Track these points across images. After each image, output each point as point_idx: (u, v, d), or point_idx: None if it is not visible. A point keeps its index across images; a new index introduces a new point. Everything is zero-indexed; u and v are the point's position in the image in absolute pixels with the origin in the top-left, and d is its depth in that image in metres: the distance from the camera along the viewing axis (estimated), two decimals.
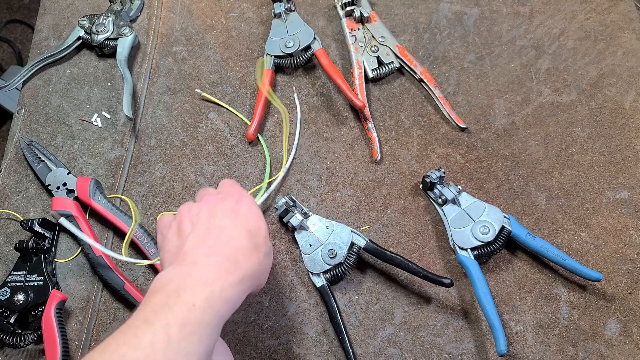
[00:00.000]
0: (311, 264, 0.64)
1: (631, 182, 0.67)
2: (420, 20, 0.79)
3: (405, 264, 0.61)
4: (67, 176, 0.71)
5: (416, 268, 0.61)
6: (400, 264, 0.61)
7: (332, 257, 0.63)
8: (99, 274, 0.66)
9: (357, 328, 0.63)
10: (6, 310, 0.63)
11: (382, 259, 0.63)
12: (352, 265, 0.63)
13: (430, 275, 0.60)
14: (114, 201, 0.70)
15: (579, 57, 0.75)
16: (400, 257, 0.61)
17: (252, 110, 0.75)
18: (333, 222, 0.65)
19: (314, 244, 0.64)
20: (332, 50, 0.79)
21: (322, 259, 0.63)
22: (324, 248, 0.64)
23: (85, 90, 0.79)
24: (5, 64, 1.70)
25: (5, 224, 0.71)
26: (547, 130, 0.71)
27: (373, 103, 0.75)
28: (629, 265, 0.63)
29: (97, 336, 0.65)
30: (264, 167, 0.72)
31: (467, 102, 0.73)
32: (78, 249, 0.69)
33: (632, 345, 0.59)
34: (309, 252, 0.64)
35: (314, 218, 0.66)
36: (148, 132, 0.75)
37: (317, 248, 0.64)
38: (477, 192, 0.68)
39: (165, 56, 0.80)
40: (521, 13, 0.79)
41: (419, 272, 0.60)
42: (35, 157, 0.73)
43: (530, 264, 0.64)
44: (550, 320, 0.61)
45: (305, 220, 0.65)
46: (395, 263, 0.62)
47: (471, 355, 0.61)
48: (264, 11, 0.82)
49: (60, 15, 0.85)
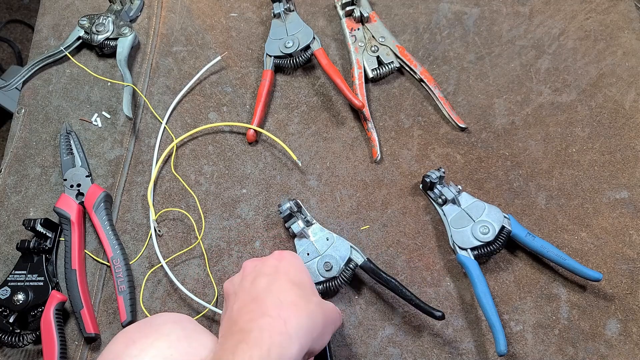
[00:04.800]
0: None
1: (631, 182, 0.67)
2: (420, 20, 0.79)
3: (399, 289, 0.60)
4: (84, 178, 0.71)
5: (409, 295, 0.60)
6: (394, 288, 0.60)
7: (327, 269, 0.62)
8: (65, 286, 0.66)
9: (357, 328, 0.63)
10: (6, 309, 0.63)
11: (377, 280, 0.62)
12: (346, 281, 0.62)
13: (422, 305, 0.59)
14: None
15: (579, 57, 0.75)
16: (395, 280, 0.61)
17: (252, 110, 0.75)
18: (334, 235, 0.64)
19: (312, 253, 0.64)
20: (332, 50, 0.79)
21: (317, 270, 0.63)
22: (320, 259, 0.63)
23: (85, 90, 0.79)
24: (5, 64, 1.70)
25: (6, 223, 0.71)
26: (547, 130, 0.71)
27: (373, 103, 0.75)
28: (629, 265, 0.63)
29: None
30: (264, 167, 0.72)
31: (467, 102, 0.73)
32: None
33: (632, 345, 0.59)
34: (306, 260, 0.64)
35: (316, 227, 0.66)
36: (148, 132, 0.75)
37: (314, 258, 0.63)
38: (477, 192, 0.68)
39: (165, 56, 0.80)
40: (521, 13, 0.78)
41: (412, 300, 0.59)
42: (67, 148, 0.73)
43: (530, 264, 0.64)
44: (550, 320, 0.61)
45: (307, 228, 0.65)
46: (390, 286, 0.61)
47: (471, 355, 0.61)
48: (263, 11, 0.82)
49: (60, 15, 0.85)
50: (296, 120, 0.75)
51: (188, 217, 0.70)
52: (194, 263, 0.67)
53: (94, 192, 0.69)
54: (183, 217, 0.70)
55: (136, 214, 0.70)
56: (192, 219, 0.69)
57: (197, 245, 0.68)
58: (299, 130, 0.74)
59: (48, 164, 0.74)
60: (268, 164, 0.72)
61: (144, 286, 0.66)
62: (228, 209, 0.70)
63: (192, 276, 0.67)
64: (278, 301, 0.45)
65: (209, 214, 0.70)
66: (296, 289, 0.46)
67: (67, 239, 0.67)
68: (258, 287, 0.47)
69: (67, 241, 0.67)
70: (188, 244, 0.68)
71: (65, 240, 0.67)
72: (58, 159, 0.74)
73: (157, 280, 0.67)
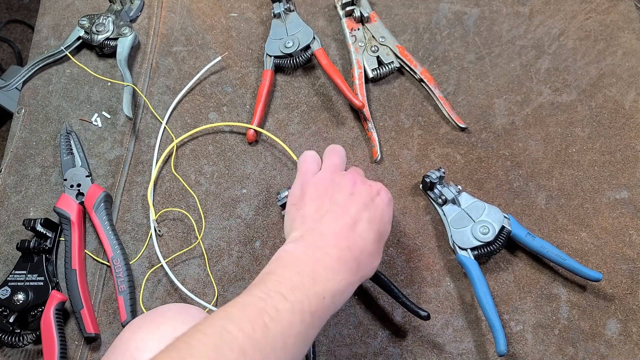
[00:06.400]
0: None
1: (631, 182, 0.67)
2: (420, 20, 0.79)
3: (388, 286, 0.60)
4: (85, 178, 0.71)
5: (397, 293, 0.59)
6: (383, 284, 0.60)
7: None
8: (65, 286, 0.66)
9: (357, 328, 0.63)
10: (6, 309, 0.63)
11: None
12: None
13: (408, 304, 0.59)
14: None
15: (579, 57, 0.75)
16: (384, 276, 0.60)
17: (252, 110, 0.75)
18: None
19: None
20: (332, 50, 0.79)
21: None
22: None
23: (85, 90, 0.79)
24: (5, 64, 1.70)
25: (6, 223, 0.71)
26: (547, 130, 0.71)
27: (373, 103, 0.75)
28: (629, 265, 0.63)
29: None
30: (264, 167, 0.72)
31: (467, 102, 0.73)
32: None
33: (632, 345, 0.59)
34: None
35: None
36: (148, 132, 0.75)
37: None
38: (477, 192, 0.68)
39: (165, 56, 0.80)
40: (521, 13, 0.79)
41: (399, 298, 0.59)
42: (67, 148, 0.73)
43: (530, 264, 0.64)
44: (550, 320, 0.61)
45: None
46: (379, 282, 0.61)
47: (471, 355, 0.61)
48: (263, 11, 0.82)
49: (60, 15, 0.85)
50: (296, 120, 0.75)
51: (188, 217, 0.70)
52: (194, 263, 0.67)
53: (94, 192, 0.69)
54: (183, 217, 0.70)
55: (136, 214, 0.70)
56: (192, 219, 0.70)
57: (197, 245, 0.68)
58: (299, 130, 0.74)
59: (48, 164, 0.74)
60: (268, 164, 0.72)
61: (144, 286, 0.66)
62: (228, 209, 0.70)
63: (192, 276, 0.67)
64: (363, 249, 0.47)
65: (209, 214, 0.70)
66: (378, 242, 0.49)
67: (67, 239, 0.67)
68: (353, 218, 0.48)
69: (67, 241, 0.67)
70: (188, 244, 0.68)
71: (65, 240, 0.67)
72: (58, 159, 0.74)
73: (157, 280, 0.67)
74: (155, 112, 0.76)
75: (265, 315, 0.39)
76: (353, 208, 0.49)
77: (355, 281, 0.47)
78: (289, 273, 0.43)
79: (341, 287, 0.44)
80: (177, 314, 0.49)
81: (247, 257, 0.67)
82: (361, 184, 0.52)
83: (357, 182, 0.52)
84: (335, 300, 0.44)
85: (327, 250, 0.46)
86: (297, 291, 0.42)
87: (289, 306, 0.40)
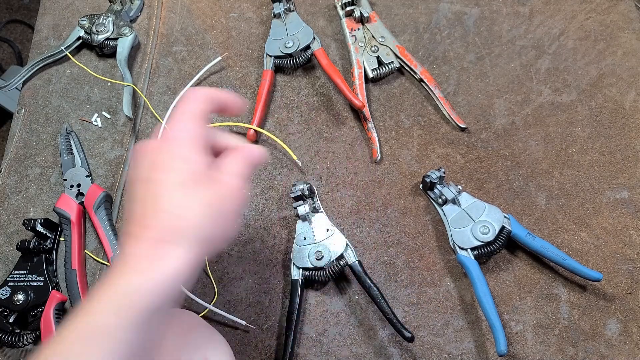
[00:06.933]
0: (297, 256, 0.64)
1: (631, 182, 0.67)
2: (420, 20, 0.79)
3: (378, 299, 0.60)
4: (85, 178, 0.71)
5: (385, 307, 0.59)
6: (374, 296, 0.60)
7: (318, 258, 0.63)
8: (65, 286, 0.66)
9: (357, 328, 0.63)
10: (6, 309, 0.63)
11: (360, 283, 0.62)
12: (332, 275, 0.63)
13: (394, 322, 0.59)
14: None
15: (579, 57, 0.75)
16: (376, 288, 0.60)
17: (252, 110, 0.75)
18: (336, 228, 0.65)
19: (309, 239, 0.64)
20: (332, 50, 0.79)
21: (308, 257, 0.63)
22: (314, 247, 0.64)
23: (85, 90, 0.79)
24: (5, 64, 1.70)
25: (6, 223, 0.71)
26: (547, 130, 0.71)
27: (373, 103, 0.75)
28: (629, 265, 0.63)
29: None
30: (264, 167, 0.72)
31: (467, 102, 0.73)
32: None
33: (632, 345, 0.59)
34: (300, 244, 0.64)
35: (321, 216, 0.66)
36: (148, 132, 0.75)
37: (309, 244, 0.64)
38: (477, 192, 0.68)
39: (165, 56, 0.80)
40: (521, 13, 0.78)
41: (386, 313, 0.59)
42: (67, 148, 0.73)
43: (530, 264, 0.64)
44: (550, 320, 0.61)
45: (311, 214, 0.65)
46: (370, 293, 0.61)
47: (471, 355, 0.61)
48: (263, 11, 0.82)
49: (60, 15, 0.85)
50: (296, 120, 0.75)
51: None
52: None
53: (94, 192, 0.69)
54: None
55: None
56: None
57: None
58: (299, 130, 0.74)
59: (48, 164, 0.74)
60: (268, 164, 0.72)
61: None
62: None
63: None
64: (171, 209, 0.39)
65: None
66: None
67: (67, 239, 0.67)
68: (153, 183, 0.40)
69: (67, 241, 0.67)
70: None
71: (65, 240, 0.67)
72: (58, 159, 0.74)
73: None
74: (155, 112, 0.76)
75: None
76: (151, 176, 0.40)
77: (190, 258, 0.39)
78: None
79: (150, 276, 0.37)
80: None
81: (247, 257, 0.67)
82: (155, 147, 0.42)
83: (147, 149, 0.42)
84: (149, 293, 0.37)
85: (136, 236, 0.39)
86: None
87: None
